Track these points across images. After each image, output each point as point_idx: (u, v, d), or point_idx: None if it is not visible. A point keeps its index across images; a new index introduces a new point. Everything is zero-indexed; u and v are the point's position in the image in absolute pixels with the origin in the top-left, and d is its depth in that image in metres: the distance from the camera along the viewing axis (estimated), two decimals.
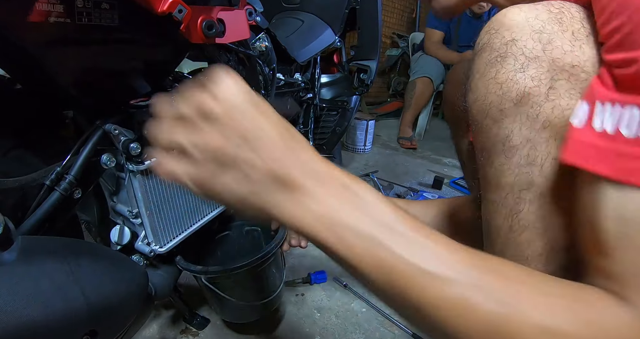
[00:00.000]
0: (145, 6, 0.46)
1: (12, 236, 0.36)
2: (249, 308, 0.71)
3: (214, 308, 0.77)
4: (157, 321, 0.83)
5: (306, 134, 1.25)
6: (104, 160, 0.52)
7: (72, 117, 0.57)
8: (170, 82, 0.70)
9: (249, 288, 0.69)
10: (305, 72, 1.17)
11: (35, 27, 0.40)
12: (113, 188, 0.59)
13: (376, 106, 3.24)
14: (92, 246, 0.51)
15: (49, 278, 0.37)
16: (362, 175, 1.76)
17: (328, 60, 1.40)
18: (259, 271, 0.66)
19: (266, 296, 0.72)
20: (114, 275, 0.46)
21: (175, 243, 0.64)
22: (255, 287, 0.70)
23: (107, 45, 0.49)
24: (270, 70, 0.84)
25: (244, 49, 0.66)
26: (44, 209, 0.46)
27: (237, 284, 0.67)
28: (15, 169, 0.47)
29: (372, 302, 0.92)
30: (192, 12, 0.50)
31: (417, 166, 2.03)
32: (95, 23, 0.45)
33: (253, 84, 0.73)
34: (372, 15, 1.24)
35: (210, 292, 0.66)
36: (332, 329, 0.84)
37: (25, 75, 0.51)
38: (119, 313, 0.46)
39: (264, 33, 0.82)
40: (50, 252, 0.40)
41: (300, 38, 1.14)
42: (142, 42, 0.53)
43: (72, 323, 0.38)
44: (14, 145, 0.49)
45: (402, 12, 3.53)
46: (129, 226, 0.60)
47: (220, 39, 0.57)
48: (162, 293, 0.61)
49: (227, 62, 0.64)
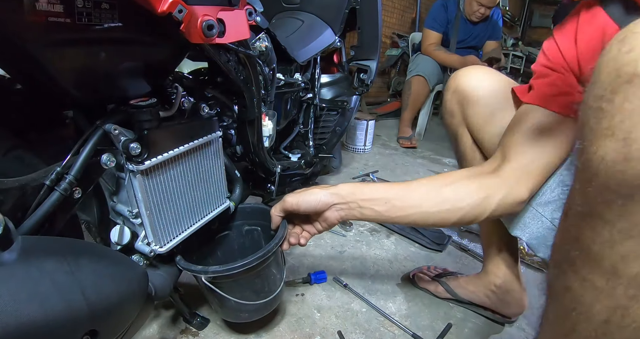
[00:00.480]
0: (145, 6, 0.46)
1: (12, 236, 0.36)
2: (249, 307, 0.70)
3: (214, 308, 0.76)
4: (157, 321, 0.83)
5: (306, 134, 1.25)
6: (104, 160, 0.52)
7: (72, 117, 0.57)
8: (170, 82, 0.70)
9: (249, 288, 0.69)
10: (305, 72, 1.17)
11: (35, 27, 0.40)
12: (113, 188, 0.59)
13: (376, 106, 3.24)
14: (92, 246, 0.52)
15: (49, 278, 0.37)
16: (362, 175, 1.76)
17: (328, 60, 1.41)
18: (259, 270, 0.66)
19: (267, 295, 0.71)
20: (114, 274, 0.46)
21: (175, 243, 0.64)
22: (256, 287, 0.70)
23: (107, 45, 0.49)
24: (270, 70, 0.84)
25: (244, 49, 0.66)
26: (44, 209, 0.46)
27: (237, 284, 0.67)
28: (15, 169, 0.47)
29: (372, 302, 0.92)
30: (192, 12, 0.50)
31: (417, 166, 2.03)
32: (95, 23, 0.45)
33: (253, 84, 0.73)
34: (372, 15, 1.24)
35: (210, 292, 0.66)
36: (332, 329, 0.84)
37: (25, 75, 0.51)
38: (119, 313, 0.46)
39: (264, 33, 0.82)
40: (50, 252, 0.40)
41: (300, 38, 1.14)
42: (142, 42, 0.53)
43: (72, 323, 0.38)
44: (14, 145, 0.49)
45: (402, 12, 3.53)
46: (129, 226, 0.60)
47: (220, 39, 0.57)
48: (162, 293, 0.61)
49: (227, 62, 0.64)
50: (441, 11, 2.36)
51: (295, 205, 0.68)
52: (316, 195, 0.67)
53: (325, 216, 0.69)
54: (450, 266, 1.08)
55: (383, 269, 1.09)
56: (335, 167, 1.76)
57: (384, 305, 0.92)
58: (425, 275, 1.00)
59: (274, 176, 0.96)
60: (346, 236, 1.25)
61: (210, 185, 0.70)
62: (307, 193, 0.68)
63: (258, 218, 0.81)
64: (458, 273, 1.01)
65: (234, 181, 0.81)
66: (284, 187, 1.08)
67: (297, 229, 0.74)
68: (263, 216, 0.77)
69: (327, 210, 0.68)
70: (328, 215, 0.68)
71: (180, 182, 0.63)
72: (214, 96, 0.74)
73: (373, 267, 1.09)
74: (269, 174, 0.95)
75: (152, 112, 0.57)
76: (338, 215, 0.68)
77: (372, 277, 1.04)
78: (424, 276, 1.00)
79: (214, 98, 0.75)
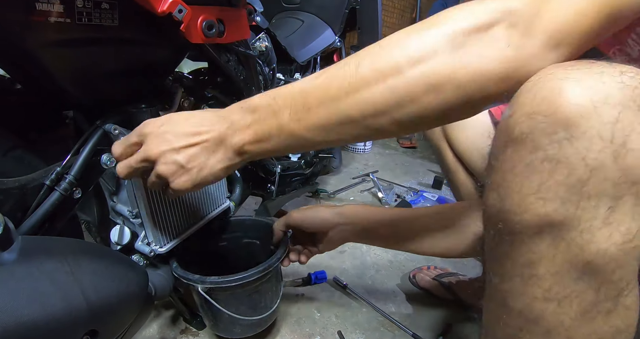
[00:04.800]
0: (145, 6, 0.46)
1: (12, 236, 0.36)
2: (244, 322, 0.68)
3: (206, 320, 0.74)
4: (157, 321, 0.83)
5: None
6: (104, 160, 0.52)
7: (72, 117, 0.57)
8: (170, 82, 0.70)
9: (245, 303, 0.67)
10: (305, 72, 1.17)
11: (35, 26, 0.40)
12: (113, 188, 0.58)
13: None
14: (92, 246, 0.51)
15: (49, 278, 0.37)
16: (362, 175, 1.76)
17: (328, 60, 1.41)
18: (257, 285, 0.64)
19: (262, 312, 0.69)
20: (114, 275, 0.46)
21: (175, 243, 0.63)
22: (253, 302, 0.68)
23: (107, 45, 0.49)
24: (270, 70, 0.84)
25: (244, 48, 0.66)
26: (44, 209, 0.46)
27: (234, 298, 0.65)
28: (15, 169, 0.47)
29: (372, 302, 0.92)
30: (192, 12, 0.50)
31: (417, 166, 2.03)
32: (95, 23, 0.45)
33: (253, 84, 0.73)
34: (372, 15, 1.24)
35: (205, 303, 0.63)
36: (332, 329, 0.84)
37: (25, 75, 0.51)
38: (119, 313, 0.46)
39: (264, 33, 0.82)
40: (50, 252, 0.40)
41: (300, 38, 1.14)
42: (142, 42, 0.53)
43: (72, 323, 0.38)
44: (14, 145, 0.49)
45: (402, 12, 3.53)
46: (129, 226, 0.60)
47: (220, 39, 0.57)
48: (162, 293, 0.61)
49: (227, 62, 0.64)
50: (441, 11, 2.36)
51: (300, 222, 0.68)
52: (321, 214, 0.68)
53: (329, 236, 0.68)
54: (451, 266, 1.08)
55: (383, 269, 1.08)
56: (335, 166, 1.76)
57: (384, 305, 0.92)
58: (426, 275, 1.00)
59: (274, 176, 0.96)
60: None
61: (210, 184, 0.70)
62: (312, 211, 0.69)
63: (258, 232, 0.79)
64: (459, 273, 1.01)
65: (234, 181, 0.81)
66: (284, 187, 1.08)
67: (298, 247, 0.74)
68: (263, 230, 0.76)
69: (331, 230, 0.68)
70: (332, 235, 0.68)
71: None
72: (214, 96, 0.74)
73: (373, 267, 1.09)
74: (269, 174, 0.95)
75: (152, 112, 0.57)
76: (342, 236, 0.68)
77: (372, 277, 1.04)
78: (424, 276, 1.00)
79: (214, 98, 0.75)
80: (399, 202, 1.49)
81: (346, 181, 1.67)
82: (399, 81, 0.34)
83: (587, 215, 0.28)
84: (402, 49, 0.34)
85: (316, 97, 0.38)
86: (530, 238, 0.31)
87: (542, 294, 0.31)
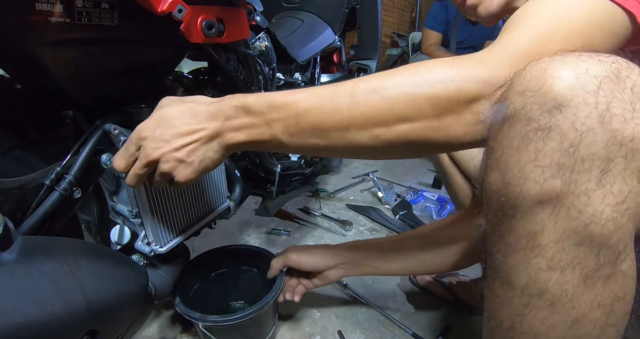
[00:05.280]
0: (145, 6, 0.46)
1: (12, 236, 0.36)
2: None
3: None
4: (157, 321, 0.83)
5: None
6: (104, 160, 0.52)
7: (72, 117, 0.57)
8: (170, 81, 0.70)
9: (243, 333, 0.71)
10: (305, 72, 1.17)
11: (35, 26, 0.40)
12: (113, 188, 0.58)
13: None
14: (92, 246, 0.51)
15: (49, 278, 0.37)
16: (362, 174, 1.76)
17: (328, 59, 1.40)
18: (254, 317, 0.67)
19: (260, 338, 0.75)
20: (114, 274, 0.46)
21: (175, 243, 0.63)
22: (250, 332, 0.72)
23: (107, 45, 0.49)
24: (270, 69, 0.84)
25: (244, 48, 0.66)
26: (44, 209, 0.46)
27: (232, 331, 0.69)
28: (15, 169, 0.47)
29: (372, 302, 0.92)
30: (192, 12, 0.50)
31: (417, 165, 2.03)
32: (95, 23, 0.45)
33: (253, 84, 0.73)
34: (372, 15, 1.24)
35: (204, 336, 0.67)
36: (332, 329, 0.84)
37: (25, 75, 0.51)
38: (119, 313, 0.46)
39: (264, 33, 0.82)
40: (50, 252, 0.40)
41: (300, 38, 1.14)
42: (142, 42, 0.53)
43: (72, 323, 0.38)
44: (14, 145, 0.49)
45: (402, 12, 3.53)
46: (129, 226, 0.60)
47: (220, 39, 0.57)
48: (162, 293, 0.61)
49: (226, 61, 0.64)
50: (441, 11, 2.35)
51: (297, 263, 0.73)
52: (319, 256, 0.73)
53: (326, 274, 0.74)
54: None
55: None
56: (335, 166, 1.77)
57: (384, 305, 0.92)
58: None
59: (274, 176, 0.96)
60: (346, 235, 1.25)
61: (210, 184, 0.70)
62: (310, 253, 0.74)
63: (255, 260, 0.81)
64: (459, 273, 1.00)
65: (234, 181, 0.81)
66: (284, 187, 1.08)
67: (293, 281, 0.78)
68: (261, 259, 0.79)
69: (328, 270, 0.74)
70: (328, 273, 0.74)
71: None
72: (214, 96, 0.74)
73: None
74: (269, 174, 0.95)
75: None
76: (338, 274, 0.74)
77: (372, 277, 1.04)
78: (424, 276, 1.00)
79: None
80: (398, 202, 1.49)
81: (346, 181, 1.67)
82: (384, 133, 0.39)
83: (582, 178, 0.30)
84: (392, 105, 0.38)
85: (308, 122, 0.41)
86: (532, 209, 0.32)
87: (546, 264, 0.32)
